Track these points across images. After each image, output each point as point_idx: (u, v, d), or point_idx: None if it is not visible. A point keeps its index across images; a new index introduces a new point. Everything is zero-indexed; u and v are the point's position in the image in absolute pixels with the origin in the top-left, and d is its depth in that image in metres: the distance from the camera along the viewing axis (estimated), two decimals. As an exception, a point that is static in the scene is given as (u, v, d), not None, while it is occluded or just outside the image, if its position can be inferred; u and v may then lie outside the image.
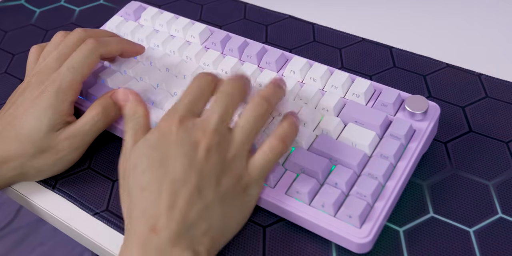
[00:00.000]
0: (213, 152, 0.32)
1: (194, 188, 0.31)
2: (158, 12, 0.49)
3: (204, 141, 0.32)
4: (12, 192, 0.42)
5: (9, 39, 0.55)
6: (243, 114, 0.34)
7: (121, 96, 0.39)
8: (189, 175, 0.31)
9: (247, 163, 0.34)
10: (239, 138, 0.33)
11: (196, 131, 0.33)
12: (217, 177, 0.32)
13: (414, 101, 0.38)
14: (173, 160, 0.32)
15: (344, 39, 0.50)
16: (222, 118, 0.33)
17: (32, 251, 1.22)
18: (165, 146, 0.32)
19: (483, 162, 0.39)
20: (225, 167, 0.32)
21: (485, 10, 0.53)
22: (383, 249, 0.35)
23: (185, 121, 0.33)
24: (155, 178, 0.31)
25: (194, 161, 0.32)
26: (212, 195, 0.32)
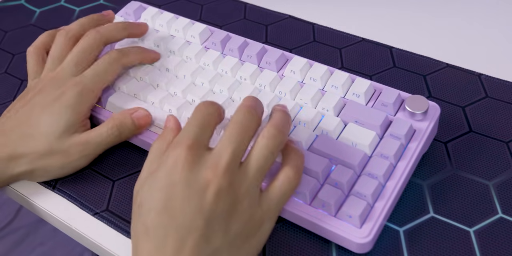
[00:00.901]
0: (223, 195, 0.29)
1: (202, 235, 0.29)
2: (158, 12, 0.49)
3: (214, 183, 0.29)
4: (12, 192, 0.42)
5: (9, 39, 0.55)
6: (256, 147, 0.31)
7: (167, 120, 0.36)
8: (196, 221, 0.29)
9: (260, 199, 0.31)
10: (251, 174, 0.31)
11: (206, 169, 0.30)
12: (226, 220, 0.29)
13: (414, 101, 0.38)
14: (179, 203, 0.29)
15: (344, 39, 0.50)
16: (234, 155, 0.30)
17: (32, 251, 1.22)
18: (171, 186, 0.30)
19: (483, 162, 0.39)
20: (235, 208, 0.30)
21: (485, 10, 0.53)
22: (383, 249, 0.35)
23: (193, 152, 0.30)
24: (160, 222, 0.29)
25: (202, 205, 0.29)
26: (220, 241, 0.29)
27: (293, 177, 0.32)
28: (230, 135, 0.31)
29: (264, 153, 0.31)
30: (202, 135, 0.31)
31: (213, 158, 0.30)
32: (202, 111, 0.32)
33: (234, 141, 0.31)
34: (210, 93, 0.42)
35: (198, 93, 0.41)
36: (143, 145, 0.41)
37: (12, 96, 0.49)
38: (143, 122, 0.40)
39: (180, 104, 0.41)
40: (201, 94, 0.41)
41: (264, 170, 0.31)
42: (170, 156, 0.30)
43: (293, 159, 0.32)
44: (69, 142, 0.38)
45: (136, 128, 0.40)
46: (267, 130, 0.32)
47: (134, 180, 0.41)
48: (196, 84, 0.43)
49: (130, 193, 0.40)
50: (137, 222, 0.30)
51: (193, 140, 0.31)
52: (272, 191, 0.31)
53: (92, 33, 0.41)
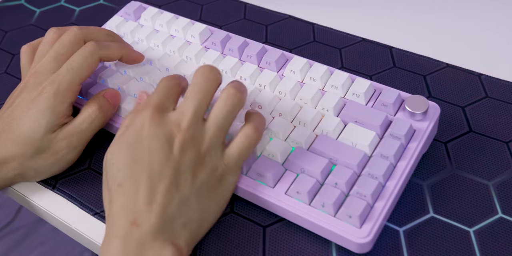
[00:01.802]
0: (188, 147, 0.33)
1: (171, 182, 0.32)
2: (158, 12, 0.49)
3: (179, 136, 0.32)
4: (12, 192, 0.42)
5: (9, 39, 0.55)
6: (217, 105, 0.34)
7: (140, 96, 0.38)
8: (165, 170, 0.32)
9: (222, 154, 0.34)
10: (213, 130, 0.34)
11: (170, 125, 0.33)
12: (192, 171, 0.33)
13: (414, 101, 0.38)
14: (147, 155, 0.32)
15: (344, 39, 0.50)
16: (196, 112, 0.33)
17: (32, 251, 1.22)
18: (139, 142, 0.32)
19: (483, 162, 0.39)
20: (200, 160, 0.33)
21: (485, 10, 0.53)
22: (383, 249, 0.35)
23: (158, 114, 0.33)
24: (131, 174, 0.32)
25: (170, 156, 0.32)
26: (189, 189, 0.32)
27: (251, 134, 0.34)
28: (191, 95, 0.34)
29: (223, 110, 0.34)
30: (167, 99, 0.34)
31: (176, 115, 0.33)
32: (167, 79, 0.36)
33: (195, 99, 0.34)
34: (210, 93, 0.42)
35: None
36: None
37: (12, 96, 0.49)
38: (116, 99, 0.41)
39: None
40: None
41: (224, 127, 0.34)
42: (137, 118, 0.33)
43: (253, 119, 0.35)
44: (54, 139, 0.38)
45: (113, 107, 0.41)
46: (226, 90, 0.34)
47: (134, 180, 0.41)
48: (196, 84, 0.43)
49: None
50: (110, 181, 0.32)
51: (158, 102, 0.34)
52: (232, 147, 0.34)
53: (74, 29, 0.40)
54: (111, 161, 0.33)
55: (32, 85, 0.38)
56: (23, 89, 0.39)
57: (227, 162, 0.34)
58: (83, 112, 0.39)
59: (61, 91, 0.38)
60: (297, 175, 0.36)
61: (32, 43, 0.43)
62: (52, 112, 0.37)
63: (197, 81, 0.34)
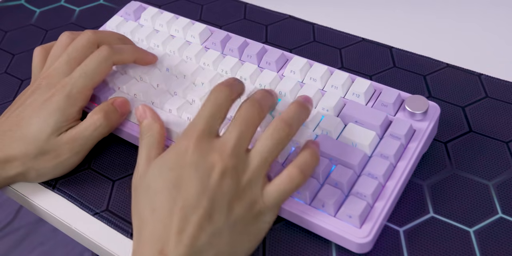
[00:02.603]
0: (228, 177, 0.31)
1: (205, 213, 0.30)
2: (158, 12, 0.49)
3: (219, 165, 0.31)
4: (12, 192, 0.42)
5: (9, 39, 0.55)
6: (262, 137, 0.33)
7: (138, 112, 0.38)
8: (201, 200, 0.30)
9: (262, 190, 0.32)
10: (256, 163, 0.32)
11: (212, 154, 0.32)
12: (229, 202, 0.31)
13: (414, 101, 0.38)
14: (186, 183, 0.31)
15: (344, 39, 0.50)
16: (240, 141, 0.32)
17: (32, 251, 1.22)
18: (180, 168, 0.31)
19: (483, 162, 0.39)
20: (239, 192, 0.31)
21: (486, 10, 0.53)
22: (383, 249, 0.35)
23: (202, 141, 0.32)
24: (167, 200, 0.31)
25: (208, 185, 0.31)
26: (223, 221, 0.31)
27: (295, 176, 0.32)
28: (235, 124, 0.32)
29: (269, 144, 0.32)
30: (213, 123, 0.33)
31: (220, 143, 0.32)
32: (214, 96, 0.34)
33: (239, 129, 0.32)
34: (210, 93, 0.42)
35: (198, 93, 0.41)
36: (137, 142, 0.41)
37: (12, 96, 0.49)
38: (124, 109, 0.41)
39: (180, 104, 0.41)
40: (201, 94, 0.41)
41: (267, 160, 0.32)
42: (181, 143, 0.32)
43: (302, 158, 0.33)
44: (58, 142, 0.38)
45: (120, 116, 0.40)
46: (274, 122, 0.33)
47: (134, 180, 0.41)
48: (196, 84, 0.43)
49: (130, 193, 0.40)
50: (142, 203, 0.32)
51: (204, 129, 0.33)
52: (273, 186, 0.32)
53: (88, 33, 0.41)
54: (148, 182, 0.32)
55: (45, 87, 0.39)
56: (34, 91, 0.39)
57: (266, 200, 0.32)
58: (89, 119, 0.39)
59: (74, 94, 0.38)
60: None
61: (45, 46, 0.43)
62: (62, 114, 0.38)
63: (246, 108, 0.33)
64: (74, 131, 0.38)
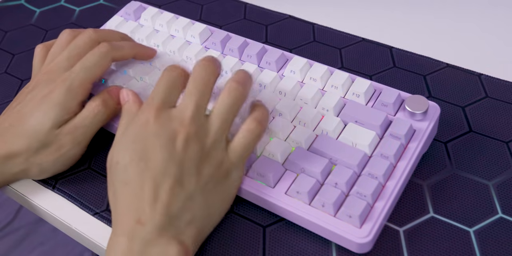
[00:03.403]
0: (192, 142, 0.32)
1: (175, 180, 0.32)
2: (158, 12, 0.49)
3: (181, 132, 0.32)
4: (12, 192, 0.42)
5: (9, 39, 0.55)
6: (219, 100, 0.34)
7: (122, 96, 0.39)
8: (169, 167, 0.32)
9: (226, 149, 0.34)
10: (216, 125, 0.34)
11: (173, 122, 0.33)
12: (197, 166, 0.32)
13: (414, 101, 0.38)
14: (152, 153, 0.32)
15: (344, 39, 0.50)
16: (198, 107, 0.33)
17: (32, 251, 1.22)
18: (144, 139, 0.32)
19: (483, 162, 0.39)
20: (204, 155, 0.33)
21: (484, 10, 0.53)
22: (383, 249, 0.35)
23: (161, 112, 0.33)
24: (136, 172, 0.32)
25: (173, 152, 0.32)
26: (193, 185, 0.32)
27: (254, 128, 0.34)
28: (191, 90, 0.34)
29: (226, 104, 0.34)
30: (170, 97, 0.34)
31: (178, 111, 0.33)
32: (168, 73, 0.35)
33: (195, 94, 0.34)
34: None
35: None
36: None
37: (12, 96, 0.49)
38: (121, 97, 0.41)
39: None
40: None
41: (227, 121, 0.34)
42: (141, 117, 0.34)
43: (256, 112, 0.35)
44: (58, 134, 0.38)
45: (117, 103, 0.41)
46: (228, 84, 0.34)
47: (134, 180, 0.41)
48: (196, 84, 0.43)
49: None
50: (115, 178, 0.33)
51: (161, 102, 0.34)
52: (236, 142, 0.34)
53: (89, 31, 0.41)
54: (116, 159, 0.33)
55: (45, 82, 0.39)
56: (35, 87, 0.39)
57: (231, 157, 0.34)
58: (87, 107, 0.39)
59: (74, 88, 0.38)
60: (297, 175, 0.36)
61: (47, 44, 0.43)
62: (63, 107, 0.38)
63: (197, 75, 0.34)
64: (74, 121, 0.39)
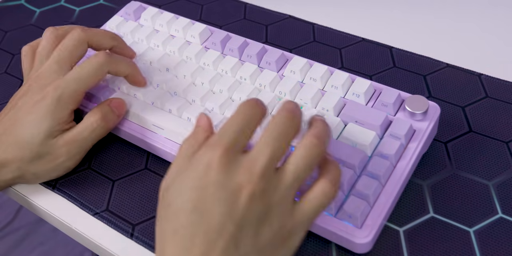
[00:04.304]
0: (256, 200, 0.28)
1: (231, 239, 0.28)
2: (158, 12, 0.49)
3: (248, 188, 0.28)
4: (12, 192, 0.42)
5: (9, 39, 0.55)
6: (294, 156, 0.30)
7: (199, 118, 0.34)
8: (227, 225, 0.28)
9: (292, 209, 0.30)
10: (287, 182, 0.29)
11: (239, 174, 0.28)
12: (257, 227, 0.28)
13: (414, 101, 0.38)
14: (211, 205, 0.28)
15: (344, 39, 0.50)
16: (271, 161, 0.29)
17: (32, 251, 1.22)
18: (203, 188, 0.28)
19: (483, 162, 0.39)
20: (267, 216, 0.29)
21: (486, 10, 0.53)
22: (383, 249, 0.35)
23: (228, 155, 0.29)
24: (189, 222, 0.28)
25: (234, 209, 0.28)
26: (250, 248, 0.28)
27: (328, 191, 0.30)
28: (268, 139, 0.29)
29: (302, 162, 0.29)
30: (240, 139, 0.30)
31: (248, 161, 0.29)
32: (244, 112, 0.31)
33: (272, 145, 0.29)
34: (210, 93, 0.42)
35: (198, 93, 0.41)
36: (137, 142, 0.41)
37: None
38: (121, 110, 0.41)
39: (180, 104, 0.41)
40: (201, 94, 0.41)
41: (300, 180, 0.30)
42: (204, 157, 0.29)
43: (331, 172, 0.31)
44: (54, 145, 0.38)
45: (117, 117, 0.40)
46: (308, 139, 0.30)
47: (134, 180, 0.41)
48: (196, 84, 0.43)
49: (130, 193, 0.40)
50: (165, 223, 0.29)
51: (230, 144, 0.29)
52: (306, 204, 0.30)
53: (78, 31, 0.40)
54: (168, 201, 0.29)
55: (35, 88, 0.38)
56: (26, 92, 0.39)
57: (297, 219, 0.30)
58: (86, 120, 0.39)
59: (64, 98, 0.37)
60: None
61: (32, 44, 0.43)
62: (53, 118, 0.37)
63: (278, 123, 0.30)
64: (71, 134, 0.38)
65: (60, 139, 0.38)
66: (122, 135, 0.42)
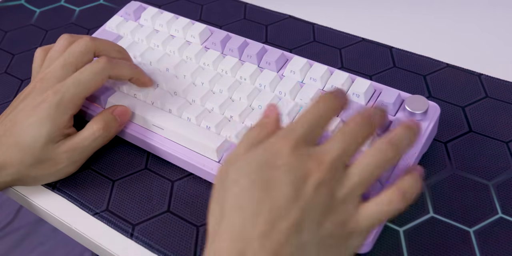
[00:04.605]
0: (324, 188, 0.28)
1: (294, 222, 0.27)
2: (158, 12, 0.49)
3: (316, 174, 0.28)
4: (12, 192, 0.42)
5: (9, 39, 0.55)
6: (365, 157, 0.29)
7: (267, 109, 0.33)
8: (292, 208, 0.28)
9: (357, 209, 0.29)
10: (355, 180, 0.29)
11: (310, 161, 0.29)
12: (321, 216, 0.28)
13: (414, 101, 0.38)
14: (278, 186, 0.28)
15: (344, 39, 0.50)
16: (341, 155, 0.29)
17: (32, 251, 1.22)
18: (272, 169, 0.29)
19: (483, 162, 0.39)
20: (332, 208, 0.28)
21: (486, 10, 0.53)
22: (383, 249, 0.35)
23: (300, 146, 0.29)
24: (256, 200, 0.28)
25: (301, 193, 0.28)
26: (311, 236, 0.28)
27: (395, 201, 0.29)
28: (341, 137, 0.30)
29: (370, 165, 0.29)
30: (314, 131, 0.30)
31: (320, 152, 0.29)
32: (319, 106, 0.31)
33: (344, 142, 0.29)
34: (210, 93, 0.42)
35: (198, 93, 0.41)
36: (137, 142, 0.41)
37: (12, 96, 0.49)
38: (124, 118, 0.41)
39: (180, 104, 0.41)
40: (201, 94, 0.41)
41: (367, 182, 0.29)
42: (276, 144, 0.29)
43: (406, 183, 0.30)
44: (55, 150, 0.38)
45: (120, 125, 0.40)
46: (380, 143, 0.30)
47: (134, 180, 0.41)
48: (196, 84, 0.43)
49: (130, 193, 0.40)
50: (228, 197, 0.29)
51: (302, 137, 0.30)
52: (370, 207, 0.29)
53: (86, 39, 0.40)
54: (235, 177, 0.29)
55: (38, 91, 0.38)
56: (28, 94, 0.39)
57: (361, 220, 0.29)
58: (88, 128, 0.39)
59: (64, 102, 0.38)
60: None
61: (46, 47, 0.43)
62: (53, 123, 0.37)
63: (356, 121, 0.30)
64: (73, 141, 0.38)
65: (62, 146, 0.38)
66: (122, 135, 0.42)
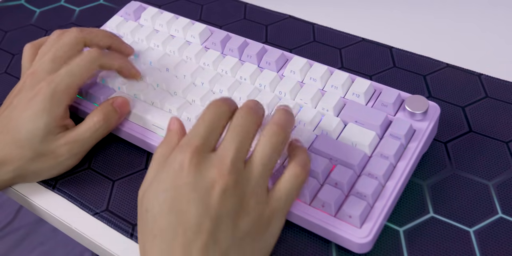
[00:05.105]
0: (230, 194, 0.29)
1: (209, 236, 0.28)
2: (158, 12, 0.49)
3: (220, 181, 0.29)
4: (12, 192, 0.42)
5: (9, 39, 0.55)
6: (259, 145, 0.31)
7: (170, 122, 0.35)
8: (203, 223, 0.28)
9: (267, 198, 0.31)
10: (257, 172, 0.30)
11: (212, 169, 0.29)
12: (234, 220, 0.29)
13: (414, 101, 0.38)
14: (185, 205, 0.29)
15: (344, 39, 0.50)
16: (238, 154, 0.30)
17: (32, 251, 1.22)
18: (176, 189, 0.29)
19: (483, 162, 0.39)
20: (243, 207, 0.30)
21: (486, 10, 0.53)
22: (383, 249, 0.35)
23: (198, 155, 0.30)
24: (166, 226, 0.28)
25: (208, 206, 0.28)
26: (229, 241, 0.29)
27: (299, 173, 0.31)
28: (232, 136, 0.31)
29: (267, 150, 0.31)
30: (209, 138, 0.31)
31: (217, 158, 0.30)
32: (212, 111, 0.32)
33: (236, 140, 0.30)
34: (210, 93, 0.42)
35: (198, 93, 0.41)
36: (137, 142, 0.41)
37: (12, 96, 0.49)
38: (124, 109, 0.41)
39: (180, 104, 0.41)
40: (201, 94, 0.41)
41: (269, 168, 0.31)
42: (175, 159, 0.30)
43: (298, 156, 0.33)
44: (55, 143, 0.38)
45: (120, 117, 0.40)
46: (269, 128, 0.32)
47: (134, 180, 0.41)
48: (196, 84, 0.43)
49: (130, 193, 0.40)
50: (144, 227, 0.30)
51: (200, 143, 0.30)
52: (279, 189, 0.31)
53: (74, 31, 0.40)
54: (145, 206, 0.30)
55: (29, 85, 0.38)
56: (20, 90, 0.39)
57: (274, 205, 0.31)
58: (88, 120, 0.39)
59: (58, 93, 0.37)
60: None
61: (35, 43, 0.43)
62: (49, 115, 0.37)
63: (240, 121, 0.31)
64: (73, 134, 0.38)
65: (62, 138, 0.38)
66: (122, 135, 0.42)
